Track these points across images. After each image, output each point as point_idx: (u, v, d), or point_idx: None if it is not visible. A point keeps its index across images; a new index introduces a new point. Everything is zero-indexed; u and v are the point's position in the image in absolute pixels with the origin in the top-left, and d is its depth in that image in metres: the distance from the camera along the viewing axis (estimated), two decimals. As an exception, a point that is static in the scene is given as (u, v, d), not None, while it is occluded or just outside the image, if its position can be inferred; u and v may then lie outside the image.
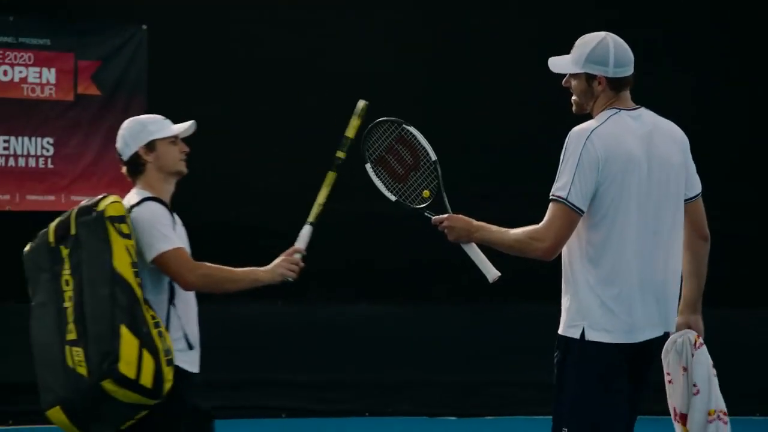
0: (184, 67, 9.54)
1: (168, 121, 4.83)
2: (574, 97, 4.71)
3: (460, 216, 4.79)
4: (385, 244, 9.08)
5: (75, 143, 9.29)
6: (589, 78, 4.63)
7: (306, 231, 4.87)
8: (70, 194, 9.25)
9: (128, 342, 4.37)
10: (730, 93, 10.21)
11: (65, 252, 4.54)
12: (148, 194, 4.70)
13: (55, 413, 4.47)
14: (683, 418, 4.70)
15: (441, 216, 4.82)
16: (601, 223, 4.50)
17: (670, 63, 10.06)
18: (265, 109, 9.58)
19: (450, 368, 9.61)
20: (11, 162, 9.15)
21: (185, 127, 4.83)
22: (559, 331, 4.60)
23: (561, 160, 4.53)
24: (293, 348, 9.52)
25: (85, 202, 4.59)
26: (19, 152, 9.17)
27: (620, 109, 4.61)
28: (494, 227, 4.69)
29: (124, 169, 4.83)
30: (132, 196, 4.72)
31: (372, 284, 9.63)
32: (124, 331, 4.35)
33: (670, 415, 4.76)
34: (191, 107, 9.68)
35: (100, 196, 4.57)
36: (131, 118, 4.86)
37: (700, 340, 4.71)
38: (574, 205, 4.45)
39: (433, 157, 4.95)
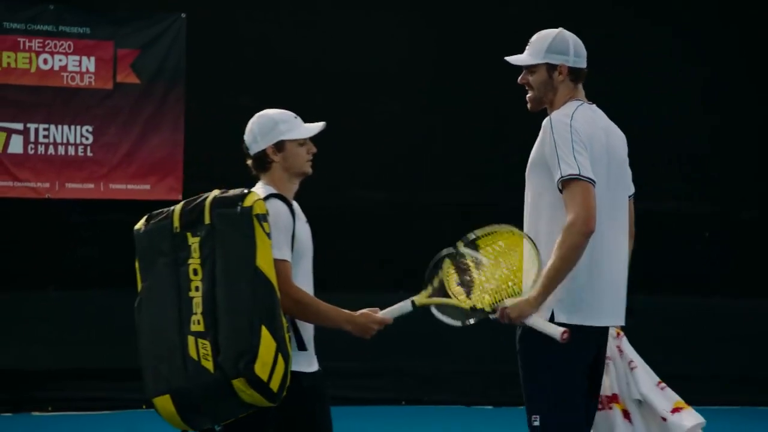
0: (222, 56, 9.55)
1: (298, 120, 4.64)
2: (531, 94, 4.80)
3: (513, 300, 4.60)
4: (422, 235, 9.05)
5: (114, 131, 9.33)
6: (550, 68, 4.73)
7: (404, 307, 4.63)
8: (109, 182, 9.28)
9: (267, 343, 4.20)
10: (742, 87, 10.20)
11: (194, 240, 4.33)
12: (273, 191, 4.53)
13: (163, 402, 4.33)
14: (615, 398, 4.82)
15: (499, 310, 4.61)
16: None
17: (680, 58, 10.06)
18: (301, 102, 9.56)
19: (486, 358, 9.59)
20: (51, 150, 9.20)
21: (316, 129, 4.64)
22: None
23: (554, 147, 4.57)
24: (333, 336, 9.52)
25: (220, 192, 4.38)
26: (58, 140, 9.22)
27: (582, 102, 4.74)
28: (540, 277, 4.53)
29: (249, 162, 4.67)
30: (258, 190, 4.52)
31: (409, 275, 9.62)
32: (264, 332, 4.20)
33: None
34: (229, 96, 9.77)
35: (239, 190, 4.37)
36: (262, 113, 4.67)
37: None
38: (588, 178, 4.51)
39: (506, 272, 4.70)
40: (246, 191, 4.36)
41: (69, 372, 9.10)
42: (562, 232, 4.50)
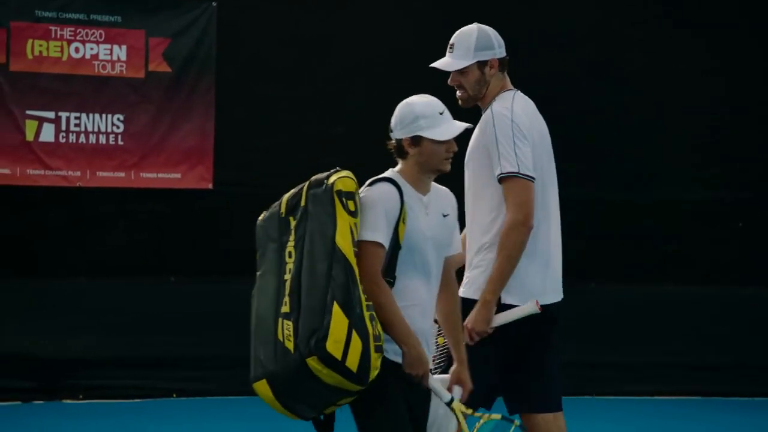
0: (253, 44, 9.53)
1: (443, 116, 4.40)
2: (463, 93, 4.94)
3: (470, 317, 4.79)
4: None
5: (145, 120, 9.32)
6: (482, 65, 4.90)
7: (446, 401, 4.41)
8: (140, 171, 9.29)
9: (339, 320, 4.16)
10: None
11: (293, 223, 4.35)
12: (391, 176, 4.41)
13: (261, 386, 4.27)
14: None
15: (465, 333, 4.73)
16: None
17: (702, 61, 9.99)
18: (332, 90, 9.54)
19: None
20: (82, 139, 9.21)
21: (457, 130, 4.42)
22: (472, 296, 4.81)
23: (495, 141, 4.75)
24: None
25: (319, 174, 4.37)
26: (90, 129, 9.23)
27: (514, 90, 4.94)
28: (488, 283, 4.78)
29: (389, 143, 4.54)
30: (386, 174, 4.46)
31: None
32: (336, 308, 4.16)
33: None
34: (259, 84, 9.75)
35: (333, 170, 4.35)
36: (409, 101, 4.45)
37: None
38: (527, 176, 4.72)
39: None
40: (335, 170, 4.33)
41: (100, 360, 9.12)
42: (504, 232, 4.73)
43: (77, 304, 9.13)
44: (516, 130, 4.74)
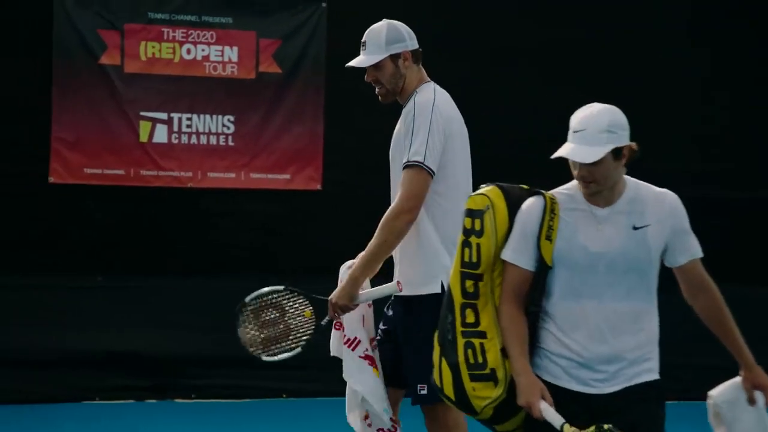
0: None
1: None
2: (381, 89, 5.08)
3: (336, 290, 4.97)
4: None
5: (255, 121, 9.37)
6: (395, 58, 5.04)
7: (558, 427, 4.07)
8: (250, 172, 9.33)
9: (436, 348, 4.16)
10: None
11: None
12: (562, 187, 4.13)
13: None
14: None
15: (329, 307, 4.99)
16: (443, 184, 4.86)
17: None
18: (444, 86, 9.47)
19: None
20: (193, 139, 9.28)
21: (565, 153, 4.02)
22: (412, 293, 4.88)
23: (411, 129, 4.85)
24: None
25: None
26: (201, 130, 9.30)
27: (433, 82, 5.07)
28: (359, 260, 4.92)
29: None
30: None
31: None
32: (435, 336, 4.17)
33: None
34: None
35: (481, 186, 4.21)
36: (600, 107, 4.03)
37: None
38: (429, 169, 4.80)
39: (281, 287, 5.20)
40: (481, 186, 4.20)
41: (211, 359, 9.18)
42: (389, 217, 4.80)
43: (190, 303, 9.20)
44: (435, 122, 4.85)
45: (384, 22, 5.16)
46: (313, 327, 5.11)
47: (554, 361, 4.07)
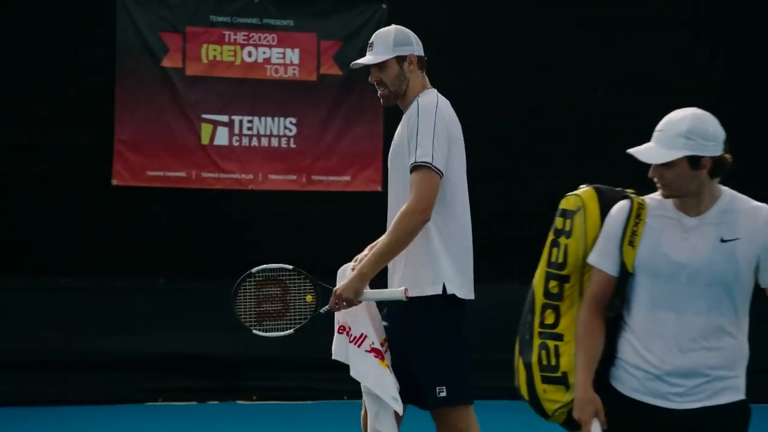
0: (423, 46, 9.47)
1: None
2: (384, 90, 5.11)
3: (343, 282, 4.96)
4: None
5: (316, 123, 9.38)
6: (400, 60, 5.07)
7: None
8: (311, 174, 9.34)
9: (516, 347, 4.18)
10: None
11: None
12: (650, 195, 4.00)
13: None
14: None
15: (331, 298, 4.97)
16: (445, 186, 4.83)
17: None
18: (503, 89, 9.43)
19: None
20: (255, 142, 9.31)
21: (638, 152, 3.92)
22: (417, 294, 4.85)
23: (416, 131, 4.83)
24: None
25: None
26: (262, 132, 9.32)
27: (434, 89, 5.08)
28: (369, 254, 4.93)
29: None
30: None
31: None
32: (517, 337, 4.20)
33: None
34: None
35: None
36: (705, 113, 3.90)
37: None
38: (438, 169, 4.78)
39: (290, 267, 5.18)
40: (581, 186, 4.15)
41: (273, 361, 9.19)
42: (401, 216, 4.75)
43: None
44: (439, 124, 4.85)
45: (393, 27, 5.20)
46: (311, 312, 5.10)
47: (631, 373, 3.95)
